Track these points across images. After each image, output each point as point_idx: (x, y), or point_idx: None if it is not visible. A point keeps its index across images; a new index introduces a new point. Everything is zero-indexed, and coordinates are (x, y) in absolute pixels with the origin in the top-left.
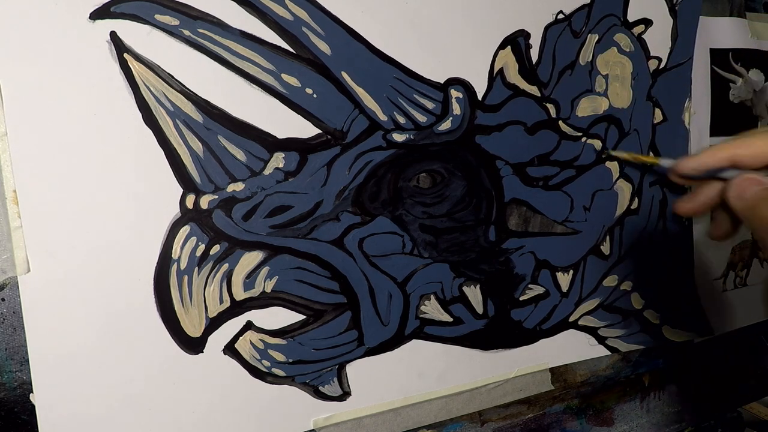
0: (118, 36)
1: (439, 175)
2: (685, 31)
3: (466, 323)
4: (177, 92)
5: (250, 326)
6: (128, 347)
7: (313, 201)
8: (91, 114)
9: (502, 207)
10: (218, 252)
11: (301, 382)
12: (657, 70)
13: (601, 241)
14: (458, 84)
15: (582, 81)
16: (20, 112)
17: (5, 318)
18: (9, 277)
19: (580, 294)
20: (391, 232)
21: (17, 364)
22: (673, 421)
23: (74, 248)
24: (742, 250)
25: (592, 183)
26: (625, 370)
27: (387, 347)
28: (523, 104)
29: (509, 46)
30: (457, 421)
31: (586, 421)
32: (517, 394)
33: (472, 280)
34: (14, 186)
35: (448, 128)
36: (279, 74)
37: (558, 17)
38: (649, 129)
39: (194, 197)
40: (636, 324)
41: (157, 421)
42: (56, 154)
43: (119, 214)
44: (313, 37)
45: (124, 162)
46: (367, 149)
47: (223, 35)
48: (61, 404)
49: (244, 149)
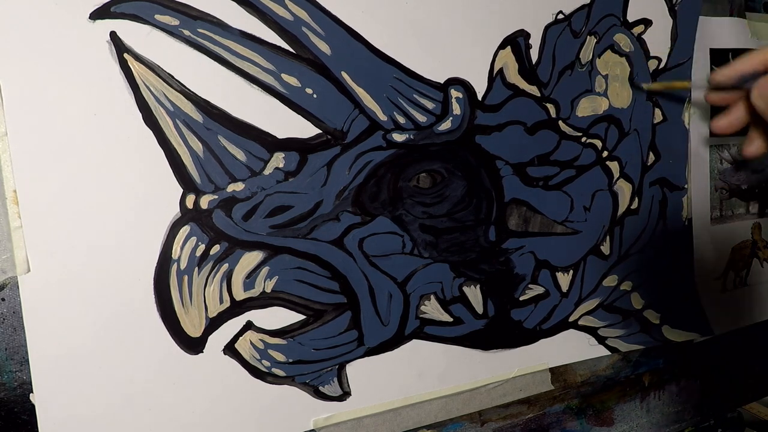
0: (118, 36)
1: (439, 175)
2: (685, 31)
3: (466, 323)
4: (177, 92)
5: (250, 326)
6: (128, 347)
7: (313, 201)
8: (91, 114)
9: (502, 207)
10: (218, 252)
11: (301, 382)
12: (657, 70)
13: (601, 241)
14: (458, 84)
15: (582, 81)
16: (20, 112)
17: (5, 318)
18: (9, 277)
19: (580, 294)
20: (391, 232)
21: (17, 364)
22: (673, 421)
23: (74, 248)
24: (742, 250)
25: (592, 183)
26: (625, 370)
27: (387, 347)
28: (523, 104)
29: (509, 46)
30: (457, 421)
31: (586, 421)
32: (517, 394)
33: (472, 280)
34: (14, 186)
35: (448, 128)
36: (279, 74)
37: (558, 17)
38: (649, 129)
39: (194, 197)
40: (636, 324)
41: (157, 421)
42: (56, 154)
43: (119, 214)
44: (313, 37)
45: (124, 162)
46: (367, 149)
47: (223, 35)
48: (61, 404)
49: (244, 149)
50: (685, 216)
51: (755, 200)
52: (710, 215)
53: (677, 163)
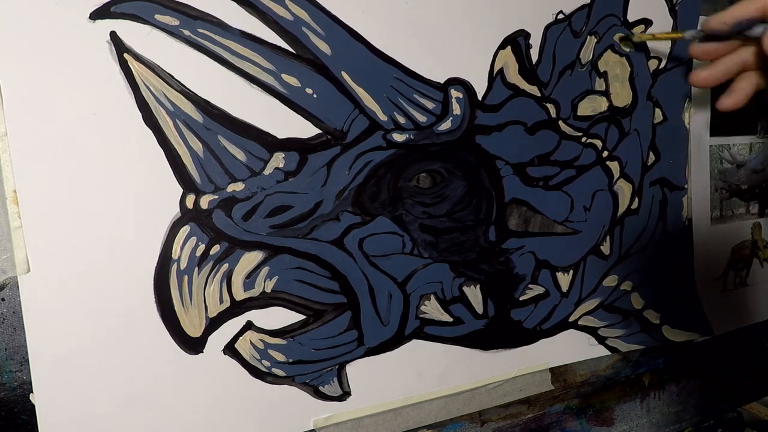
0: (118, 36)
1: (439, 175)
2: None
3: (466, 323)
4: (177, 92)
5: (250, 326)
6: (128, 347)
7: (313, 201)
8: (91, 114)
9: (502, 207)
10: (218, 252)
11: (301, 382)
12: (657, 70)
13: (601, 241)
14: (458, 84)
15: (582, 81)
16: (20, 112)
17: (5, 318)
18: (9, 277)
19: (580, 294)
20: (391, 232)
21: (17, 364)
22: (673, 421)
23: (74, 248)
24: (742, 250)
25: (592, 183)
26: (625, 370)
27: (387, 347)
28: (523, 104)
29: (509, 46)
30: (457, 421)
31: (586, 421)
32: (517, 394)
33: (472, 280)
34: (14, 186)
35: (448, 128)
36: (279, 74)
37: (558, 17)
38: (650, 129)
39: (194, 197)
40: (636, 324)
41: (157, 421)
42: (56, 154)
43: (119, 214)
44: (313, 37)
45: (124, 162)
46: (367, 149)
47: (223, 35)
48: (61, 404)
49: (244, 149)
50: (686, 216)
51: (755, 200)
52: (710, 215)
53: (677, 163)
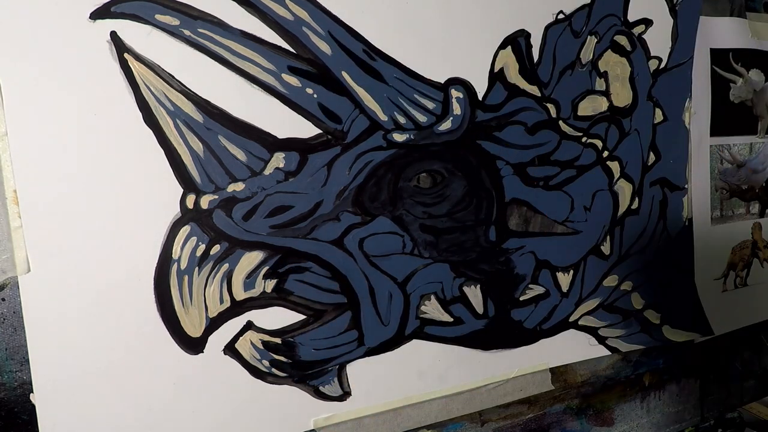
0: (118, 36)
1: (440, 175)
2: (686, 31)
3: (466, 323)
4: (177, 92)
5: (251, 326)
6: (128, 347)
7: (313, 201)
8: (91, 114)
9: (502, 207)
10: (218, 252)
11: (301, 382)
12: (657, 70)
13: (601, 241)
14: (458, 84)
15: (582, 81)
16: (20, 112)
17: (5, 318)
18: (9, 277)
19: (580, 294)
20: (391, 232)
21: (17, 364)
22: (673, 421)
23: (74, 248)
24: (742, 250)
25: (592, 183)
26: (625, 370)
27: (387, 347)
28: (524, 104)
29: (509, 46)
30: (457, 421)
31: (587, 421)
32: (517, 394)
33: (472, 280)
34: (14, 186)
35: (448, 128)
36: (279, 74)
37: (558, 17)
38: (650, 129)
39: (194, 197)
40: (636, 324)
41: (157, 421)
42: (56, 154)
43: (119, 214)
44: (314, 37)
45: (124, 162)
46: (367, 149)
47: (223, 35)
48: (61, 404)
49: (245, 149)
50: (686, 216)
51: (755, 200)
52: (710, 215)
53: (677, 163)
